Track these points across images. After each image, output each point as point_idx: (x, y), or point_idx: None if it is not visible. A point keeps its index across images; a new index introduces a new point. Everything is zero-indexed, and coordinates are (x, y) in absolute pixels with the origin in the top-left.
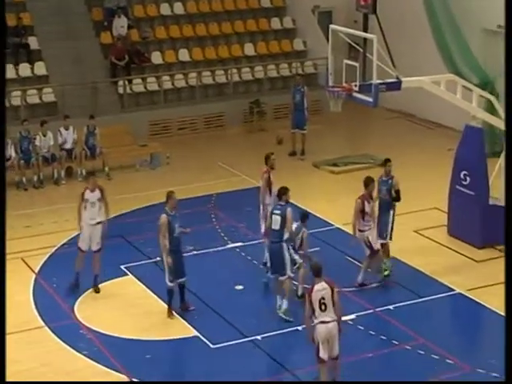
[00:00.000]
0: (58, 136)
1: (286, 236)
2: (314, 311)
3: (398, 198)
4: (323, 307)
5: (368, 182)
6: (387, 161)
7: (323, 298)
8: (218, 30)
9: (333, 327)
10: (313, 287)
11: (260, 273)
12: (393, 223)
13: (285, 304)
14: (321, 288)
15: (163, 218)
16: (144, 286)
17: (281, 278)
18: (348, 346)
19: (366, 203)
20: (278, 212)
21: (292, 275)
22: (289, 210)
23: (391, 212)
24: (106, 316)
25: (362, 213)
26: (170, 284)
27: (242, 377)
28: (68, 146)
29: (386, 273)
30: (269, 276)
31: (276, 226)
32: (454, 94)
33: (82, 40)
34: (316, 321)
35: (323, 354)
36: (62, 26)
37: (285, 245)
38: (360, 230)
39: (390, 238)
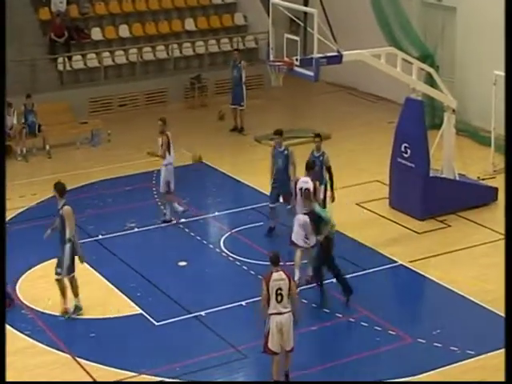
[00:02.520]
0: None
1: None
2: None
3: (331, 175)
4: (279, 298)
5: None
6: (317, 136)
7: (280, 289)
8: (158, 5)
9: (288, 318)
10: (271, 275)
11: (203, 248)
12: (325, 198)
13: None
14: (278, 278)
15: None
16: (86, 264)
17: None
18: None
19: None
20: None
21: (71, 274)
22: (65, 208)
23: (323, 187)
24: (48, 295)
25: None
26: None
27: (187, 354)
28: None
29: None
30: None
31: (59, 225)
32: (394, 67)
33: (20, 16)
34: (270, 311)
35: (273, 346)
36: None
37: (67, 246)
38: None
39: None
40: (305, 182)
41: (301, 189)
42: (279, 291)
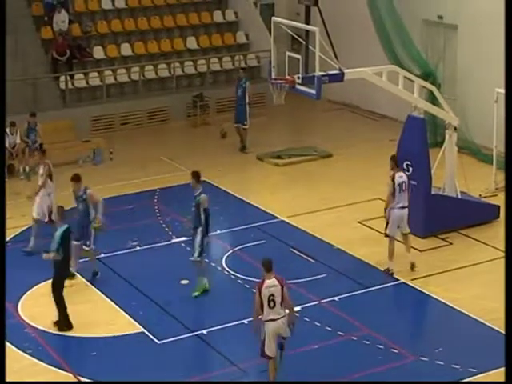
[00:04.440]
0: (6, 138)
1: None
2: (262, 306)
3: (205, 218)
4: (272, 304)
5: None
6: (192, 174)
7: (273, 295)
8: (160, 23)
9: (281, 324)
10: (263, 282)
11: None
12: (202, 241)
13: None
14: (271, 284)
15: None
16: (88, 283)
17: None
18: (294, 338)
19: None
20: None
21: None
22: None
23: (199, 229)
24: (50, 314)
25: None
26: None
27: (188, 372)
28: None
29: (197, 293)
30: None
31: None
32: (396, 84)
33: (22, 35)
34: (264, 318)
35: (269, 351)
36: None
37: None
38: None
39: (199, 255)
40: (400, 176)
41: (399, 184)
42: (271, 297)
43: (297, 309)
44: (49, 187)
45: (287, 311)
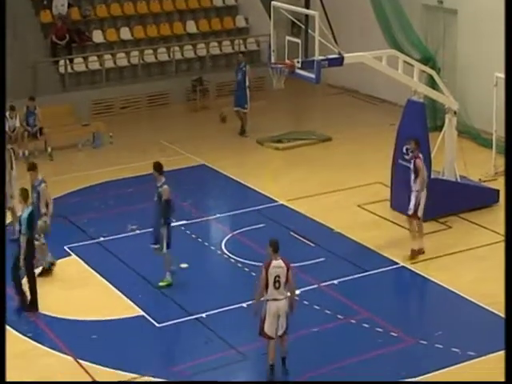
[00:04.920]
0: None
1: None
2: (267, 286)
3: (167, 209)
4: (277, 285)
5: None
6: (154, 167)
7: (278, 276)
8: (159, 7)
9: (284, 304)
10: (270, 262)
11: (205, 250)
12: (168, 235)
13: None
14: (277, 265)
15: None
16: (88, 267)
17: None
18: (293, 322)
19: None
20: None
21: None
22: None
23: (162, 221)
24: (49, 297)
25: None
26: None
27: (188, 355)
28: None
29: (162, 283)
30: None
31: None
32: (396, 69)
33: (21, 19)
34: (267, 297)
35: (269, 330)
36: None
37: None
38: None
39: (168, 247)
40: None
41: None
42: (277, 278)
43: (296, 292)
44: (8, 174)
45: (289, 294)
